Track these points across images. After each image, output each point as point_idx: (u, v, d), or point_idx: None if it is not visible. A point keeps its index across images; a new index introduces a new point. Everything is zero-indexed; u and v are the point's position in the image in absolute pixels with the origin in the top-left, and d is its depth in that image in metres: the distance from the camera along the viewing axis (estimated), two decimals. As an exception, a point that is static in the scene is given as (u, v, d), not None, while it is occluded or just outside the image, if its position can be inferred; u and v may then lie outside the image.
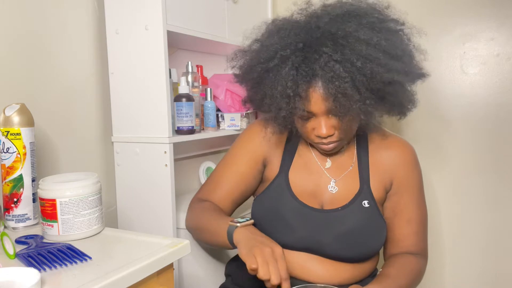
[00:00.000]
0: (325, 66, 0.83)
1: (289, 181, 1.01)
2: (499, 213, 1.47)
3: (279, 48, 0.88)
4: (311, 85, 0.86)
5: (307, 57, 0.86)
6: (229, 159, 1.09)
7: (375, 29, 0.87)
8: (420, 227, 1.03)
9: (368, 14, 0.89)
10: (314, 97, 0.87)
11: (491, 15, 1.42)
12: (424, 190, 1.06)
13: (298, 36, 0.88)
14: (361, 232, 0.95)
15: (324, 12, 0.90)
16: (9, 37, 1.04)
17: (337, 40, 0.85)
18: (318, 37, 0.86)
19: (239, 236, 0.88)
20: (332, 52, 0.83)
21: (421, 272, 1.00)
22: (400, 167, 1.02)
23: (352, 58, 0.83)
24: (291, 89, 0.86)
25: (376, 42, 0.85)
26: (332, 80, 0.83)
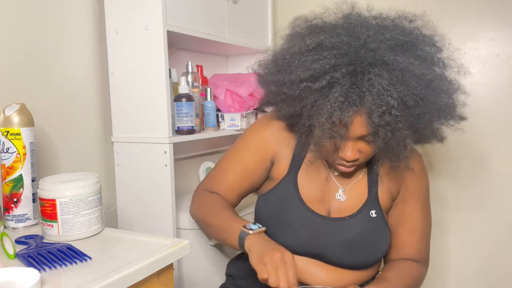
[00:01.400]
0: (378, 98, 0.78)
1: (297, 185, 0.98)
2: (501, 214, 1.47)
3: (328, 69, 0.81)
4: (355, 111, 0.81)
5: (357, 83, 0.80)
6: (237, 152, 1.06)
7: (428, 63, 0.83)
8: (423, 235, 1.02)
9: (422, 46, 0.85)
10: (355, 123, 0.82)
11: (491, 15, 1.42)
12: (429, 198, 1.05)
13: (348, 56, 0.81)
14: (366, 241, 0.95)
15: (377, 33, 0.83)
16: (9, 37, 1.04)
17: (393, 72, 0.79)
18: (371, 63, 0.80)
19: (250, 244, 0.88)
20: (387, 85, 0.78)
21: (421, 279, 1.00)
22: (408, 175, 1.00)
23: (406, 96, 0.79)
24: (336, 116, 0.80)
25: (429, 81, 0.81)
26: (382, 115, 0.79)
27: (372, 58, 0.81)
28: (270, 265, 0.80)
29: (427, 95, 0.81)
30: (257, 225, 0.92)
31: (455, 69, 0.90)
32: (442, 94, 0.85)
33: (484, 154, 1.47)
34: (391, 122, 0.80)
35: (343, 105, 0.80)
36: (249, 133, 1.08)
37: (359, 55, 0.81)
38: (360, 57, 0.81)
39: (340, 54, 0.82)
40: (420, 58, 0.83)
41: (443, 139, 0.95)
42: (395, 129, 0.81)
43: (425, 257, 1.03)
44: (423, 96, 0.81)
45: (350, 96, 0.80)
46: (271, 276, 0.79)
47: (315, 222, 0.95)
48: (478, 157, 1.48)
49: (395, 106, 0.79)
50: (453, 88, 0.89)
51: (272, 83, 0.95)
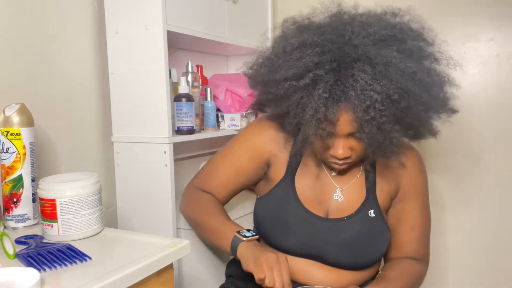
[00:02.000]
0: (361, 93, 0.79)
1: (295, 186, 0.99)
2: (501, 214, 1.47)
3: (311, 67, 0.82)
4: (341, 108, 0.81)
5: (340, 79, 0.80)
6: (231, 151, 1.06)
7: (414, 57, 0.83)
8: (423, 234, 1.02)
9: (408, 39, 0.84)
10: (341, 120, 0.83)
11: (491, 15, 1.42)
12: (428, 197, 1.05)
13: (332, 53, 0.82)
14: (365, 241, 0.95)
15: (361, 28, 0.84)
16: (9, 37, 1.04)
17: (376, 67, 0.80)
18: (354, 58, 0.81)
19: (243, 250, 0.89)
20: (371, 80, 0.79)
21: (421, 277, 1.00)
22: (406, 174, 1.00)
23: (390, 90, 0.79)
24: (322, 113, 0.81)
25: (414, 73, 0.81)
26: (367, 110, 0.79)
27: (355, 53, 0.81)
28: (266, 265, 0.82)
29: (411, 88, 0.81)
30: (251, 232, 0.93)
31: (444, 61, 0.90)
32: (428, 87, 0.84)
33: (483, 154, 1.47)
34: (375, 116, 0.80)
35: (328, 102, 0.80)
36: (245, 133, 1.08)
37: (343, 51, 0.81)
38: (344, 53, 0.81)
39: (323, 51, 0.82)
40: (405, 51, 0.83)
41: (436, 133, 0.95)
42: (380, 124, 0.81)
43: (425, 256, 1.03)
44: (407, 89, 0.81)
45: (334, 93, 0.80)
46: (267, 276, 0.81)
47: (313, 224, 0.95)
48: (477, 157, 1.48)
49: (378, 100, 0.79)
50: (442, 80, 0.89)
51: (259, 84, 0.96)
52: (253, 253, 0.86)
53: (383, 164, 0.99)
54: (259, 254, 0.85)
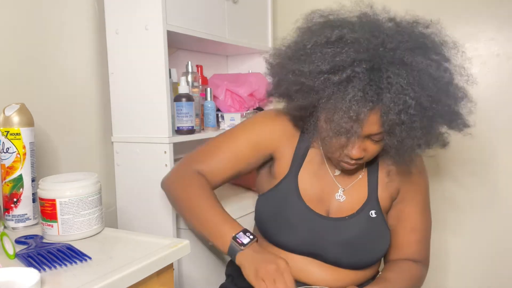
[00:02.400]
0: (396, 96, 0.79)
1: (298, 184, 0.98)
2: (502, 216, 1.47)
3: (348, 63, 0.81)
4: (372, 108, 0.81)
5: (374, 80, 0.80)
6: (233, 136, 1.03)
7: (442, 68, 0.84)
8: (423, 236, 1.02)
9: (439, 51, 0.85)
10: (369, 120, 0.82)
11: (491, 15, 1.42)
12: (429, 199, 1.05)
13: (368, 53, 0.81)
14: (366, 241, 0.95)
15: (396, 33, 0.84)
16: (9, 37, 1.04)
17: (410, 72, 0.80)
18: (389, 61, 0.80)
19: (242, 259, 0.87)
20: (405, 84, 0.79)
21: (421, 279, 1.00)
22: (408, 176, 1.00)
23: (422, 97, 0.80)
24: (354, 112, 0.80)
25: (446, 84, 0.82)
26: (399, 113, 0.79)
27: (391, 57, 0.81)
28: (267, 279, 0.81)
29: (441, 97, 0.82)
30: (248, 237, 0.89)
31: (465, 77, 0.90)
32: (453, 99, 0.86)
33: (483, 154, 1.47)
34: (406, 121, 0.80)
35: (361, 101, 0.80)
36: (252, 121, 1.05)
37: (378, 53, 0.81)
38: (379, 55, 0.81)
39: (361, 49, 0.81)
40: (436, 61, 0.84)
41: (446, 144, 0.94)
42: (411, 129, 0.81)
43: (425, 258, 1.03)
44: (437, 99, 0.81)
45: (367, 92, 0.80)
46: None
47: (314, 222, 0.95)
48: (477, 157, 1.48)
49: (412, 105, 0.79)
50: (462, 95, 0.90)
51: (290, 72, 0.91)
52: (253, 263, 0.85)
53: (385, 165, 1.00)
54: (259, 265, 0.84)
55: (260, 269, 0.83)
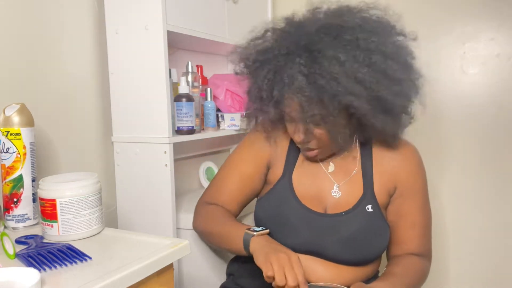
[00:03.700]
0: (292, 76, 0.86)
1: (293, 184, 1.00)
2: (501, 213, 1.47)
3: (260, 54, 0.93)
4: (284, 93, 0.89)
5: (285, 64, 0.88)
6: (233, 162, 1.09)
7: (349, 46, 0.85)
8: (424, 230, 1.02)
9: (350, 30, 0.87)
10: (288, 104, 0.91)
11: (491, 15, 1.42)
12: (428, 193, 1.06)
13: (286, 41, 0.90)
14: (364, 236, 0.95)
15: (316, 19, 0.92)
16: (9, 37, 1.04)
17: (312, 53, 0.86)
18: (301, 46, 0.88)
19: (255, 245, 0.90)
20: (303, 64, 0.86)
21: (425, 273, 1.00)
22: (404, 171, 1.01)
23: (317, 75, 0.85)
24: (265, 92, 0.91)
25: (343, 61, 0.84)
26: (295, 91, 0.87)
27: (304, 42, 0.88)
28: (276, 264, 0.82)
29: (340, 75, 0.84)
30: (261, 228, 0.94)
31: (407, 37, 0.94)
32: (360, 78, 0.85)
33: (483, 154, 1.47)
34: (306, 101, 0.86)
35: (272, 83, 0.90)
36: (244, 142, 1.11)
37: (296, 40, 0.89)
38: (297, 41, 0.89)
39: (284, 38, 0.91)
40: (344, 42, 0.86)
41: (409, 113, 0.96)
42: (310, 108, 0.87)
43: (428, 251, 1.03)
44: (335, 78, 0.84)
45: (278, 75, 0.89)
46: (277, 274, 0.81)
47: (312, 220, 0.96)
48: (477, 157, 1.48)
49: (303, 83, 0.85)
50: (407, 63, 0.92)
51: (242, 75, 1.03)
52: (265, 250, 0.87)
53: (380, 160, 1.01)
54: (269, 250, 0.85)
55: (270, 256, 0.84)
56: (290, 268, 0.82)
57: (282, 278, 0.80)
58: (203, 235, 1.09)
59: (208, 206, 1.07)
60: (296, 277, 0.81)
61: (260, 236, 0.92)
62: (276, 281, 0.81)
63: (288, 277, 0.80)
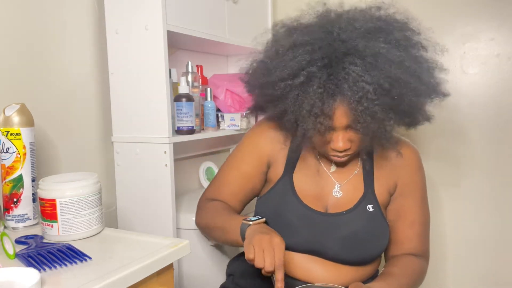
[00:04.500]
0: (354, 86, 0.82)
1: (294, 183, 1.00)
2: (499, 213, 1.47)
3: (304, 65, 0.86)
4: (336, 101, 0.85)
5: (333, 74, 0.84)
6: (234, 160, 1.09)
7: (401, 47, 0.86)
8: (422, 230, 1.03)
9: (394, 30, 0.88)
10: (338, 113, 0.86)
11: (491, 15, 1.42)
12: (427, 193, 1.06)
13: (322, 50, 0.85)
14: (365, 236, 0.95)
15: (348, 24, 0.88)
16: (9, 37, 1.04)
17: (366, 58, 0.83)
18: (344, 53, 0.84)
19: (248, 233, 0.89)
20: (361, 72, 0.82)
21: (423, 273, 1.00)
22: (404, 170, 1.02)
23: (381, 80, 0.82)
24: (318, 108, 0.85)
25: (403, 62, 0.84)
26: (360, 101, 0.82)
27: (344, 48, 0.85)
28: (257, 246, 0.82)
29: (400, 76, 0.84)
30: (257, 217, 0.94)
31: (431, 48, 0.93)
32: (417, 73, 0.87)
33: (484, 154, 1.47)
34: (368, 106, 0.83)
35: (323, 96, 0.84)
36: (245, 140, 1.10)
37: (332, 47, 0.85)
38: (334, 49, 0.85)
39: (314, 49, 0.86)
40: (392, 42, 0.86)
41: (430, 118, 0.97)
42: (374, 113, 0.84)
43: (425, 252, 1.03)
44: (397, 78, 0.84)
45: (328, 87, 0.84)
46: (256, 257, 0.81)
47: (313, 219, 0.96)
48: (477, 157, 1.48)
49: (370, 90, 0.82)
50: (431, 66, 0.92)
51: (256, 87, 1.00)
52: (251, 234, 0.87)
53: (381, 159, 1.02)
54: (256, 234, 0.85)
55: (254, 238, 0.84)
56: (270, 250, 0.82)
57: (260, 260, 0.81)
58: (205, 230, 1.09)
59: (210, 202, 1.07)
60: (273, 260, 0.81)
61: (257, 225, 0.91)
62: (255, 263, 0.81)
63: (266, 259, 0.81)
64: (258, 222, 0.92)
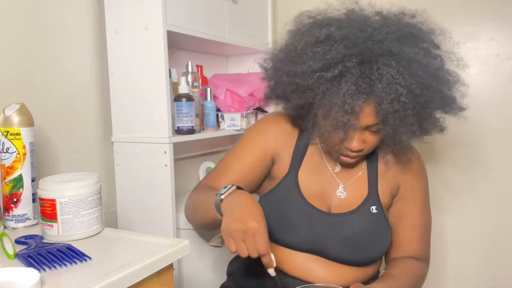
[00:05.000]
0: (387, 86, 0.82)
1: (298, 182, 0.99)
2: (500, 215, 1.47)
3: (339, 59, 0.84)
4: (366, 100, 0.84)
5: (365, 72, 0.83)
6: (238, 150, 1.06)
7: (431, 55, 0.87)
8: (424, 233, 1.03)
9: (426, 39, 0.88)
10: (365, 112, 0.85)
11: (491, 15, 1.42)
12: (429, 196, 1.06)
13: (357, 47, 0.84)
14: (367, 237, 0.95)
15: (383, 26, 0.87)
16: (9, 37, 1.04)
17: (400, 62, 0.83)
18: (379, 53, 0.83)
19: (224, 208, 0.84)
20: (395, 74, 0.82)
21: (423, 277, 1.00)
22: (407, 173, 1.02)
23: (413, 85, 0.82)
24: (348, 105, 0.83)
25: (435, 70, 0.85)
26: (391, 102, 0.82)
27: (379, 49, 0.84)
28: (235, 238, 0.78)
29: (432, 84, 0.84)
30: (227, 187, 0.88)
31: (455, 62, 0.93)
32: (445, 84, 0.88)
33: (483, 154, 1.47)
34: (399, 109, 0.83)
35: (355, 94, 0.83)
36: (250, 133, 1.08)
37: (367, 46, 0.84)
38: (368, 48, 0.84)
39: (350, 45, 0.85)
40: (424, 49, 0.86)
41: (443, 129, 0.97)
42: (404, 116, 0.84)
43: (426, 255, 1.03)
44: (428, 85, 0.84)
45: (360, 85, 0.83)
46: (239, 249, 0.78)
47: (316, 218, 0.96)
48: (477, 157, 1.48)
49: (403, 94, 0.82)
50: (454, 80, 0.93)
51: (284, 74, 0.95)
52: (229, 217, 0.81)
53: (384, 161, 1.01)
54: (232, 220, 0.79)
55: (231, 226, 0.79)
56: (250, 239, 0.77)
57: (243, 251, 0.78)
58: (189, 216, 1.05)
59: (199, 188, 1.04)
60: (255, 250, 0.77)
61: (229, 195, 0.85)
62: (240, 254, 0.79)
63: (249, 249, 0.77)
64: (229, 192, 0.85)
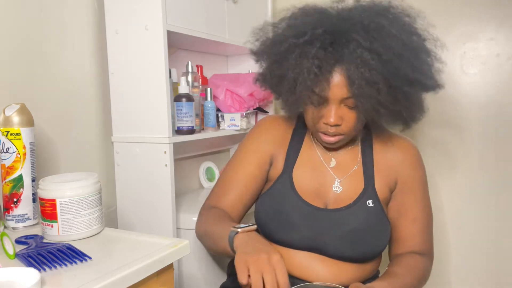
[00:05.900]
0: (353, 51, 0.84)
1: (293, 180, 1.00)
2: (501, 213, 1.47)
3: (310, 28, 0.88)
4: (334, 68, 0.87)
5: (336, 41, 0.86)
6: (237, 162, 1.08)
7: (405, 28, 0.89)
8: (425, 227, 1.02)
9: (400, 15, 0.91)
10: (334, 81, 0.87)
11: (491, 15, 1.42)
12: (428, 190, 1.06)
13: (330, 21, 0.89)
14: (365, 232, 0.95)
15: (357, 5, 0.93)
16: (9, 37, 1.04)
17: (369, 31, 0.86)
18: (349, 26, 0.87)
19: (238, 242, 0.84)
20: (362, 40, 0.84)
21: (427, 271, 1.00)
22: (404, 167, 1.02)
23: (380, 50, 0.84)
24: (319, 68, 0.86)
25: (405, 39, 0.87)
26: (358, 67, 0.84)
27: (349, 18, 0.89)
28: (254, 268, 0.75)
29: (402, 51, 0.86)
30: (248, 224, 0.89)
31: (432, 41, 0.94)
32: (417, 56, 0.89)
33: (484, 154, 1.47)
34: (368, 77, 0.84)
35: (324, 58, 0.86)
36: (245, 143, 1.10)
37: (341, 20, 0.89)
38: (341, 22, 0.89)
39: (322, 18, 0.91)
40: (397, 22, 0.89)
41: (424, 109, 0.97)
42: (371, 82, 0.85)
43: (429, 249, 1.03)
44: (398, 54, 0.85)
45: (328, 50, 0.86)
46: (254, 280, 0.74)
47: (313, 215, 0.96)
48: (477, 157, 1.48)
49: (370, 58, 0.84)
50: (428, 53, 0.93)
51: (266, 50, 1.00)
52: (246, 249, 0.81)
53: (380, 156, 1.02)
54: (251, 252, 0.78)
55: (250, 257, 0.77)
56: (271, 271, 0.74)
57: (259, 284, 0.74)
58: (201, 238, 1.06)
59: (210, 210, 1.05)
60: (275, 283, 0.74)
61: (245, 233, 0.86)
62: (253, 286, 0.74)
63: (267, 283, 0.73)
64: (248, 229, 0.86)
